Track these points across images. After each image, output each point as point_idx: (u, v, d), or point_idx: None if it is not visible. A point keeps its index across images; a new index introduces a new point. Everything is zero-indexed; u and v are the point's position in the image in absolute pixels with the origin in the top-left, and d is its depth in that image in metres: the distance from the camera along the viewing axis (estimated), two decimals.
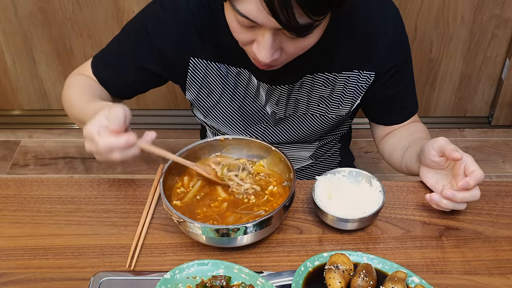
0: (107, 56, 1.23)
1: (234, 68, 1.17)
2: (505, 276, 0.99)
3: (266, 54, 0.95)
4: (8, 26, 2.28)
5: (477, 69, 2.41)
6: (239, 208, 1.04)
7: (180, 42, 1.14)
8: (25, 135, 2.53)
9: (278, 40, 0.95)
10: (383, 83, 1.19)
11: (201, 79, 1.19)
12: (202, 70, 1.18)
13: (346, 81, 1.18)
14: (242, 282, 0.93)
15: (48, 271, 0.99)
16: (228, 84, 1.19)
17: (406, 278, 0.92)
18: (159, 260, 1.01)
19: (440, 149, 1.04)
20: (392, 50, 1.15)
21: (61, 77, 2.45)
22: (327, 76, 1.17)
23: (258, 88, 1.19)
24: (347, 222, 1.02)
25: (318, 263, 0.96)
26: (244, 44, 1.00)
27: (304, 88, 1.19)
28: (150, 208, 1.10)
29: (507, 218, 1.09)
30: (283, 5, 0.84)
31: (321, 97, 1.20)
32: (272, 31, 0.92)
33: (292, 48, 0.98)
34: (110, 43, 1.24)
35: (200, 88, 1.21)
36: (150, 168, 2.35)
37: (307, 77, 1.17)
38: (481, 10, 2.22)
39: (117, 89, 1.25)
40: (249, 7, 0.89)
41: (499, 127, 2.56)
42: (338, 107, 1.22)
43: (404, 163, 1.21)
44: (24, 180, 1.17)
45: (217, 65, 1.17)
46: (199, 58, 1.16)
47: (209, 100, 1.22)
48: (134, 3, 2.20)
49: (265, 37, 0.93)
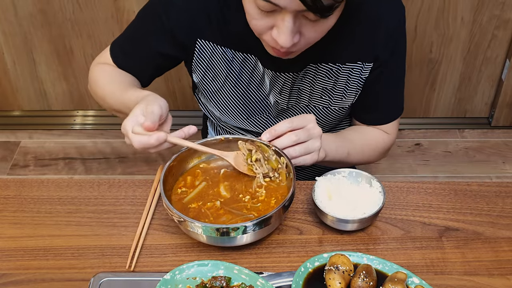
0: (124, 44, 1.25)
1: (241, 54, 1.17)
2: (505, 277, 0.99)
3: (287, 38, 0.96)
4: (8, 27, 2.28)
5: (477, 70, 2.41)
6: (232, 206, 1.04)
7: (190, 23, 1.15)
8: (25, 136, 2.53)
9: (298, 24, 0.96)
10: (375, 76, 1.19)
11: (206, 62, 1.20)
12: (207, 52, 1.18)
13: (350, 73, 1.18)
14: (242, 282, 0.93)
15: (48, 272, 0.99)
16: (233, 70, 1.20)
17: (406, 279, 0.92)
18: (159, 260, 1.01)
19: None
20: (388, 46, 1.16)
21: (61, 78, 2.45)
22: (331, 66, 1.17)
23: (263, 75, 1.19)
24: (347, 222, 1.02)
25: (318, 263, 0.96)
26: (262, 32, 1.01)
27: (307, 78, 1.19)
28: (150, 208, 1.10)
29: (507, 218, 1.09)
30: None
31: (324, 88, 1.20)
32: (293, 14, 0.93)
33: (311, 31, 0.98)
34: (126, 30, 1.26)
35: (205, 71, 1.21)
36: (150, 169, 2.36)
37: (311, 66, 1.17)
38: (481, 10, 2.22)
39: (136, 75, 1.26)
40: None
41: (499, 127, 2.56)
42: (342, 99, 1.22)
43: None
44: (24, 181, 1.17)
45: (223, 49, 1.17)
46: (206, 40, 1.17)
47: (213, 84, 1.23)
48: (134, 3, 2.21)
49: (286, 21, 0.94)
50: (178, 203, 1.05)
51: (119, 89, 1.16)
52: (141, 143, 0.97)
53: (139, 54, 1.23)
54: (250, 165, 1.08)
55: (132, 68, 1.25)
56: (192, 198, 1.07)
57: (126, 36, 1.26)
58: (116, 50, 1.26)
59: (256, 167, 1.07)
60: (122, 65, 1.25)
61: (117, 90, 1.16)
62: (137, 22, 1.23)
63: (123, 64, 1.25)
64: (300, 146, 1.05)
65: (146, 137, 0.96)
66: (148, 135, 0.96)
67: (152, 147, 0.98)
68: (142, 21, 1.21)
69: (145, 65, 1.25)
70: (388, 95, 1.25)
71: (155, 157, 2.42)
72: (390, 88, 1.24)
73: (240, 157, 1.09)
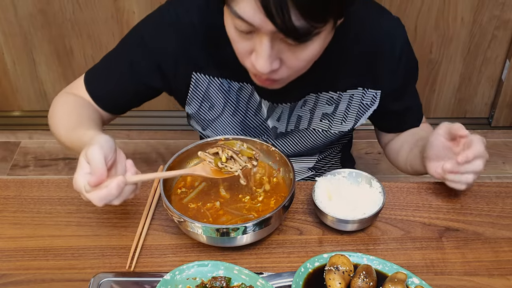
0: (103, 72, 1.18)
1: (237, 83, 1.14)
2: (505, 277, 0.99)
3: (265, 62, 0.91)
4: (8, 27, 2.28)
5: (477, 70, 2.41)
6: (232, 206, 1.04)
7: (182, 56, 1.11)
8: (25, 136, 2.53)
9: (277, 49, 0.91)
10: (391, 100, 1.18)
11: (202, 94, 1.17)
12: (204, 85, 1.15)
13: (350, 99, 1.16)
14: (242, 283, 0.93)
15: (48, 272, 0.99)
16: (230, 99, 1.17)
17: (406, 279, 0.92)
18: (159, 261, 1.01)
19: (447, 131, 1.04)
20: (399, 69, 1.13)
21: (61, 78, 2.45)
22: (332, 94, 1.15)
23: (260, 103, 1.17)
24: (347, 223, 1.02)
25: (318, 264, 0.96)
26: (243, 57, 0.97)
27: (307, 106, 1.17)
28: (150, 209, 1.10)
29: (507, 219, 1.09)
30: (278, 5, 0.82)
31: (324, 114, 1.19)
32: (270, 36, 0.88)
33: (293, 59, 0.94)
34: (105, 59, 1.18)
35: (201, 102, 1.18)
36: (150, 169, 2.35)
37: (311, 96, 1.15)
38: (481, 11, 2.22)
39: (111, 105, 1.19)
40: (244, 8, 0.86)
41: (499, 128, 2.56)
42: (341, 123, 1.21)
43: (408, 163, 1.21)
44: (24, 181, 1.17)
45: (220, 80, 1.14)
46: (202, 73, 1.14)
47: (210, 114, 1.20)
48: (134, 3, 2.21)
49: (263, 44, 0.89)
50: (178, 204, 1.05)
51: (73, 125, 1.07)
52: (102, 199, 0.86)
53: (118, 80, 1.16)
54: (223, 168, 1.02)
55: (105, 96, 1.17)
56: (192, 198, 1.07)
57: (105, 63, 1.18)
58: (90, 78, 1.18)
59: (229, 167, 1.02)
60: (95, 92, 1.17)
61: (71, 126, 1.07)
62: (119, 50, 1.16)
63: (96, 90, 1.17)
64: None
65: (105, 190, 0.85)
66: (106, 187, 0.85)
67: (115, 198, 0.87)
68: (125, 49, 1.15)
69: (121, 93, 1.17)
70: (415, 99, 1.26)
71: (155, 157, 2.42)
72: (414, 95, 1.25)
73: (208, 165, 1.03)
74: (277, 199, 1.06)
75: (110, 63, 1.18)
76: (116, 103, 1.20)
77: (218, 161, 1.01)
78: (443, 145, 1.05)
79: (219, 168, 1.02)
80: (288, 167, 1.06)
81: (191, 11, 1.09)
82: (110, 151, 0.89)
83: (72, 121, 1.09)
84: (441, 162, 1.07)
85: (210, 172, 1.03)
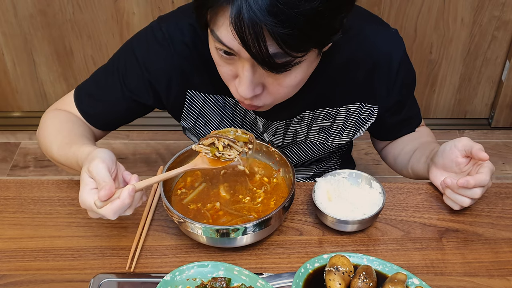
0: (93, 89, 1.15)
1: (232, 99, 1.13)
2: (505, 278, 0.99)
3: (247, 88, 0.89)
4: (8, 28, 2.28)
5: (477, 71, 2.41)
6: (232, 207, 1.04)
7: (175, 74, 1.10)
8: (25, 137, 2.53)
9: (259, 74, 0.89)
10: (389, 114, 1.18)
11: (198, 110, 1.16)
12: (199, 102, 1.14)
13: (347, 113, 1.16)
14: (242, 283, 0.93)
15: (48, 273, 0.99)
16: (226, 114, 1.16)
17: (406, 280, 0.92)
18: (159, 261, 1.01)
19: (465, 148, 1.03)
20: (397, 85, 1.12)
21: (61, 79, 2.45)
22: (329, 110, 1.15)
23: (255, 119, 1.16)
24: (347, 223, 1.02)
25: (318, 264, 0.96)
26: (228, 81, 0.95)
27: (304, 122, 1.17)
28: (150, 209, 1.10)
29: (507, 219, 1.09)
30: (254, 34, 0.78)
31: (321, 128, 1.18)
32: (251, 63, 0.86)
33: (274, 85, 0.92)
34: (95, 75, 1.16)
35: (197, 118, 1.18)
36: (150, 170, 2.35)
37: (307, 113, 1.15)
38: (481, 12, 2.22)
39: (102, 122, 1.18)
40: (225, 33, 0.83)
41: (499, 128, 2.56)
42: (339, 136, 1.20)
43: (410, 167, 1.20)
44: (24, 182, 1.17)
45: (215, 97, 1.13)
46: (197, 90, 1.13)
47: (206, 128, 1.20)
48: (134, 3, 2.21)
49: (245, 69, 0.88)
50: (178, 204, 1.05)
51: (66, 141, 1.06)
52: (116, 211, 0.85)
53: (110, 98, 1.14)
54: (221, 156, 1.00)
55: (96, 113, 1.16)
56: (192, 199, 1.07)
57: (95, 80, 1.16)
58: (80, 95, 1.16)
59: (227, 154, 1.00)
60: (86, 109, 1.15)
61: (64, 142, 1.06)
62: (110, 66, 1.14)
63: (86, 108, 1.15)
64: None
65: (118, 201, 0.85)
66: (118, 198, 0.85)
67: (128, 208, 0.87)
68: (117, 67, 1.12)
69: (112, 110, 1.15)
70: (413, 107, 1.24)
71: (155, 158, 2.42)
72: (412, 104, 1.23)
73: (205, 157, 1.02)
74: (277, 199, 1.06)
75: (101, 80, 1.15)
76: (106, 120, 1.18)
77: (215, 150, 1.00)
78: (456, 159, 1.05)
79: (217, 157, 1.01)
80: (288, 167, 1.07)
81: (183, 28, 1.07)
82: (112, 164, 0.89)
83: (65, 137, 1.07)
84: (445, 173, 1.07)
85: (208, 163, 1.01)
